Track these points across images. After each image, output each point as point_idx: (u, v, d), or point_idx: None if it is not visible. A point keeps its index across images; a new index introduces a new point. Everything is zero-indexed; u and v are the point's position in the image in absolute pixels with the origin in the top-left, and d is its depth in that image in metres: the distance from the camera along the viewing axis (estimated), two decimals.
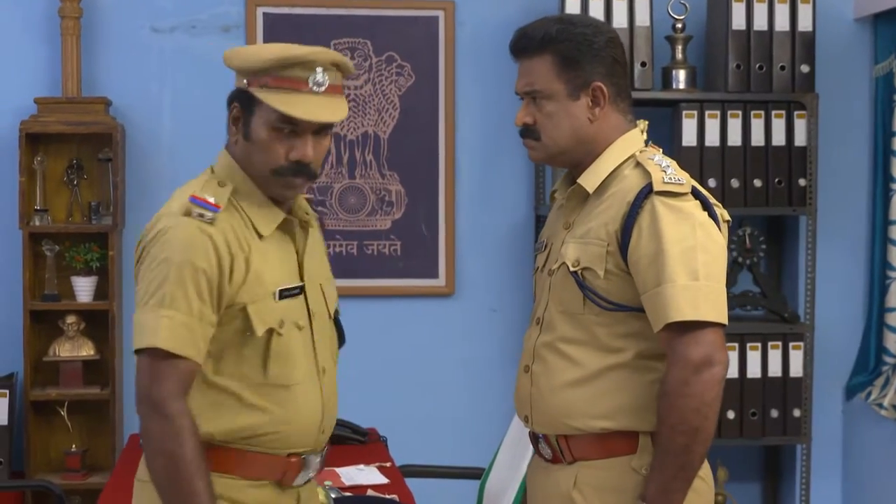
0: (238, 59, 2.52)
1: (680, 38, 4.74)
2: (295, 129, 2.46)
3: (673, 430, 2.39)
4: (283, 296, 2.51)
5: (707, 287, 2.41)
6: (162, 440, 2.39)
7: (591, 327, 2.53)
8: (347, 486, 3.48)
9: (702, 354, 2.38)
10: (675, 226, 2.44)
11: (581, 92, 2.55)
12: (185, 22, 4.79)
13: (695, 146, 4.67)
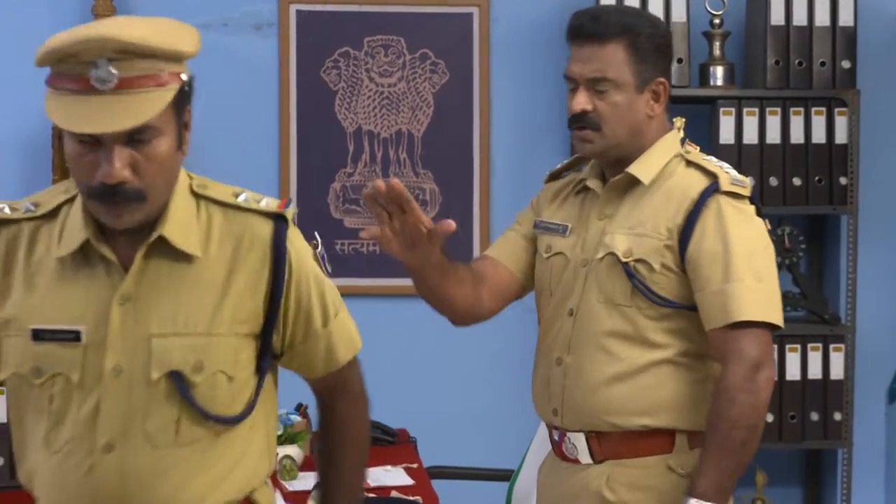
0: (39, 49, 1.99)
1: (717, 34, 4.62)
2: (98, 141, 1.92)
3: (733, 427, 2.39)
4: (40, 336, 2.03)
5: (769, 289, 2.49)
6: None
7: (636, 320, 2.53)
8: (372, 487, 3.42)
9: (759, 354, 2.43)
10: (741, 226, 2.48)
11: (646, 86, 2.56)
12: (217, 19, 4.74)
13: (733, 144, 4.55)
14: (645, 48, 2.55)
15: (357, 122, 4.78)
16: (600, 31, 2.54)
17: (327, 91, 4.76)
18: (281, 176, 4.74)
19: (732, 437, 2.40)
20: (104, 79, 1.90)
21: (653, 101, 2.58)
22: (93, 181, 1.93)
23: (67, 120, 1.90)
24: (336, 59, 4.76)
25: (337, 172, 4.76)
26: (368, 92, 4.78)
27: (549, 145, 4.81)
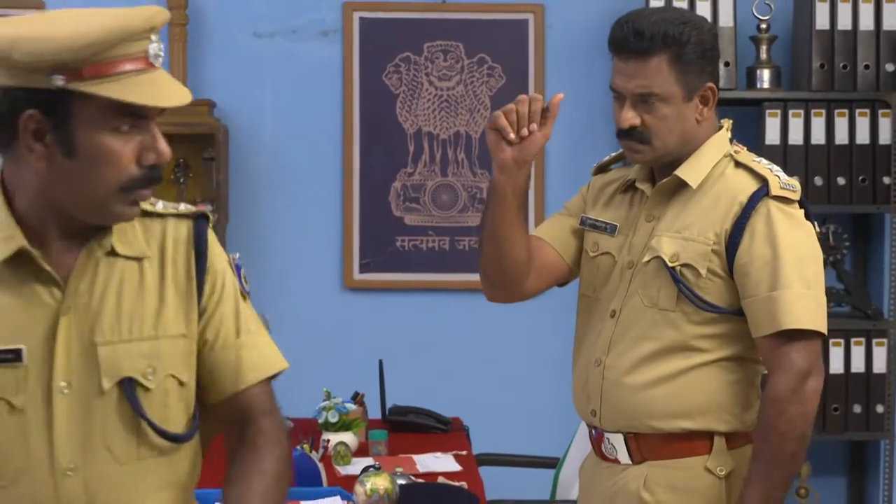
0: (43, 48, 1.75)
1: (764, 39, 4.73)
2: (136, 124, 1.83)
3: (783, 438, 2.36)
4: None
5: (817, 296, 2.44)
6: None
7: (681, 325, 2.47)
8: (420, 473, 3.56)
9: (808, 363, 2.39)
10: (790, 232, 2.42)
11: (694, 94, 2.49)
12: (285, 27, 4.93)
13: (778, 144, 4.65)
14: (690, 58, 2.47)
15: (417, 124, 4.95)
16: (643, 47, 2.45)
17: (389, 94, 4.93)
18: (344, 176, 4.93)
19: (784, 449, 2.36)
20: (159, 54, 1.84)
21: (701, 105, 2.52)
22: (133, 171, 1.83)
23: (145, 96, 1.79)
24: (397, 64, 4.94)
25: (398, 172, 4.94)
26: (428, 95, 4.95)
27: (601, 146, 4.91)
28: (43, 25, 1.79)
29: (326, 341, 4.90)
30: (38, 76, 1.76)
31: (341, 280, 4.95)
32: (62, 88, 1.77)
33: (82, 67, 1.76)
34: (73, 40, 1.75)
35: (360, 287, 4.94)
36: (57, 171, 1.81)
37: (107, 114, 1.79)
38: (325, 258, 4.94)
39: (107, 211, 1.84)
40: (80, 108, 1.79)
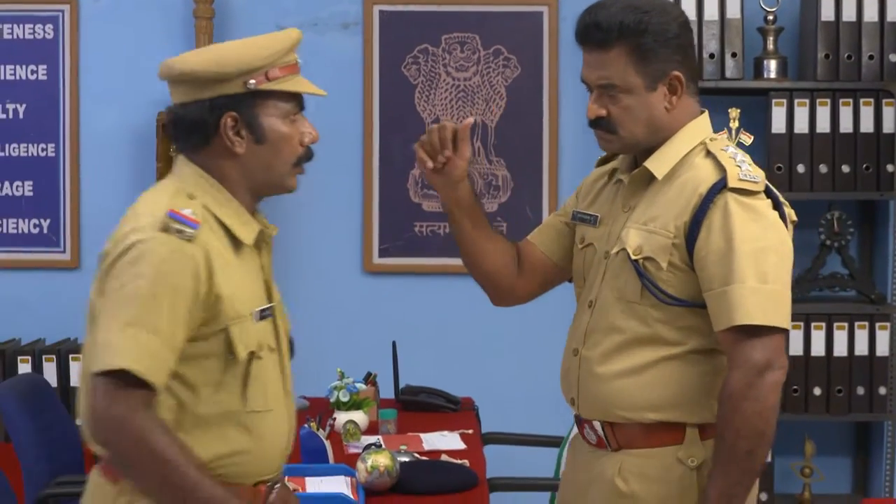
0: (237, 60, 2.31)
1: (771, 30, 4.80)
2: (297, 115, 2.39)
3: (738, 436, 2.31)
4: (260, 316, 2.34)
5: (774, 291, 2.34)
6: (141, 450, 2.16)
7: (647, 318, 2.45)
8: (425, 451, 3.67)
9: (765, 358, 2.30)
10: (747, 225, 2.35)
11: (658, 83, 2.45)
12: (307, 20, 5.05)
13: (784, 133, 4.73)
14: (650, 47, 2.43)
15: (435, 114, 5.07)
16: (602, 38, 2.44)
17: (407, 85, 5.06)
18: (364, 163, 5.06)
19: (738, 446, 2.32)
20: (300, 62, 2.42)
21: (669, 93, 2.45)
22: (299, 150, 2.38)
23: (308, 87, 2.39)
24: (416, 56, 5.06)
25: (416, 161, 5.04)
26: (445, 85, 5.06)
27: None
28: (232, 49, 2.36)
29: (346, 323, 5.04)
30: (233, 84, 2.31)
31: (361, 264, 5.08)
32: (251, 90, 2.31)
33: (269, 70, 2.32)
34: (257, 54, 2.31)
35: (380, 271, 5.08)
36: (252, 156, 2.35)
37: (282, 106, 2.36)
38: (345, 243, 5.08)
39: (284, 183, 2.40)
40: (263, 104, 2.34)
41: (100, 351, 2.18)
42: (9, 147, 5.06)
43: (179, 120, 2.37)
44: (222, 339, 2.28)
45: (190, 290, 2.22)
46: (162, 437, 2.16)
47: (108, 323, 2.19)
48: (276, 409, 2.37)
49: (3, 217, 5.07)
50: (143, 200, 2.38)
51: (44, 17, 5.04)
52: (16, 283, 5.09)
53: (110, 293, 2.21)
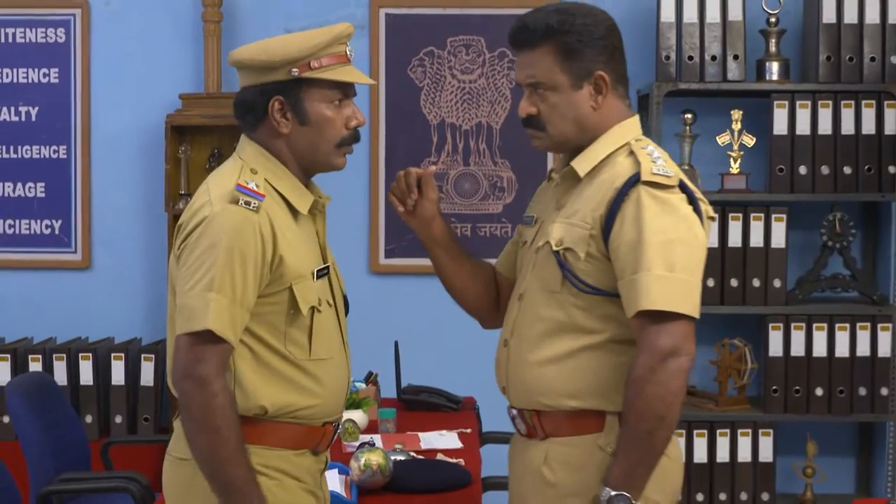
0: (281, 51, 2.57)
1: (773, 32, 4.81)
2: (343, 101, 2.64)
3: (638, 417, 2.38)
4: (318, 275, 2.64)
5: (681, 279, 2.39)
6: (207, 416, 2.46)
7: (567, 307, 2.52)
8: (421, 450, 3.70)
9: (670, 344, 2.36)
10: (658, 216, 2.42)
11: (584, 81, 2.53)
12: (315, 23, 5.06)
13: (786, 135, 4.74)
14: (574, 46, 2.52)
15: (440, 116, 5.10)
16: (527, 38, 2.56)
17: (413, 87, 5.09)
18: (371, 165, 5.09)
19: (639, 427, 2.38)
20: (351, 53, 2.66)
21: (595, 93, 2.55)
22: (344, 132, 2.64)
23: (353, 76, 2.63)
24: (422, 58, 5.09)
25: (422, 161, 5.08)
26: (451, 87, 5.09)
27: None
28: (283, 41, 2.61)
29: (353, 322, 5.04)
30: (279, 72, 2.58)
31: (368, 265, 5.11)
32: (297, 78, 2.58)
33: (311, 60, 2.58)
34: (301, 45, 2.58)
35: (386, 271, 5.11)
36: (297, 136, 2.63)
37: (326, 92, 2.61)
38: (352, 244, 5.11)
39: (330, 161, 2.67)
40: (308, 90, 2.60)
41: (184, 314, 2.50)
42: (21, 149, 5.12)
43: (239, 102, 2.68)
44: (287, 297, 2.59)
45: (258, 255, 2.53)
46: (226, 410, 2.47)
47: (190, 289, 2.51)
48: (336, 357, 2.69)
49: (16, 218, 5.14)
50: (213, 176, 2.67)
51: (55, 22, 5.10)
52: (28, 283, 5.15)
53: (189, 262, 2.53)
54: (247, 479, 2.50)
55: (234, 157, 2.69)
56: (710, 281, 4.76)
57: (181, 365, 2.50)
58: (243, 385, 2.56)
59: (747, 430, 4.79)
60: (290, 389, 2.60)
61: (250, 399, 2.57)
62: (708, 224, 2.57)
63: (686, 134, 4.85)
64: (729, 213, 4.77)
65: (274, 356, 2.60)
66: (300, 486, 2.66)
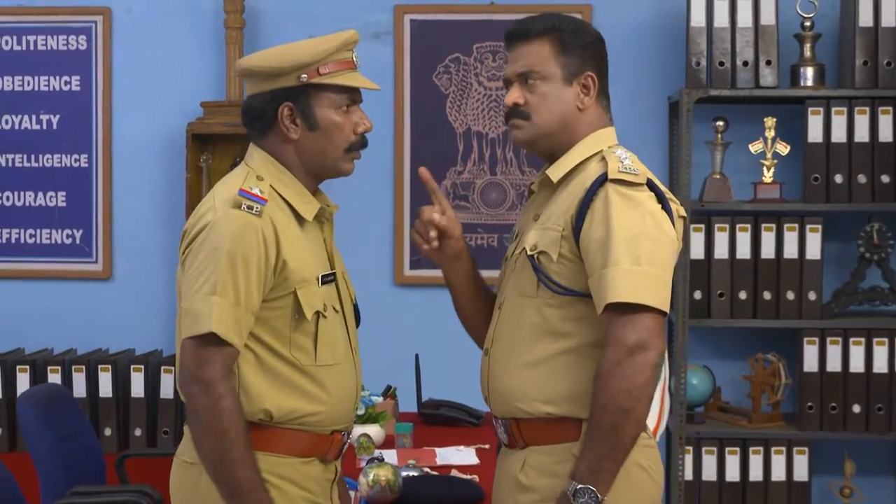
0: (291, 57, 2.63)
1: (808, 36, 4.71)
2: (351, 106, 2.68)
3: (603, 410, 2.41)
4: (323, 281, 2.67)
5: (648, 273, 2.44)
6: (213, 419, 2.50)
7: (542, 311, 2.57)
8: (436, 466, 3.64)
9: (636, 338, 2.41)
10: (625, 212, 2.48)
11: (574, 79, 2.63)
12: (338, 29, 4.97)
13: (821, 142, 4.64)
14: (571, 44, 2.63)
15: (466, 124, 5.04)
16: (527, 31, 2.66)
17: (439, 94, 5.04)
18: (395, 174, 5.04)
19: (604, 420, 2.41)
20: (358, 60, 2.73)
21: (582, 94, 2.63)
22: (352, 137, 2.68)
23: (360, 82, 2.68)
24: (447, 65, 5.04)
25: (448, 170, 5.04)
26: (477, 95, 5.04)
27: (648, 143, 4.98)
28: (291, 48, 2.66)
29: (378, 335, 5.00)
30: (288, 78, 2.63)
31: (392, 276, 5.06)
32: (306, 83, 2.63)
33: (319, 66, 2.64)
34: (311, 51, 2.63)
35: (411, 283, 5.06)
36: (307, 142, 2.66)
37: (334, 98, 2.66)
38: (376, 255, 5.06)
39: (338, 167, 2.71)
40: (317, 96, 2.64)
41: (188, 318, 2.54)
42: (42, 157, 5.12)
43: (248, 109, 2.71)
44: (291, 301, 2.62)
45: (261, 258, 2.56)
46: (233, 413, 2.50)
47: (193, 293, 2.54)
48: (343, 364, 2.71)
49: (37, 227, 5.13)
50: (220, 183, 2.70)
51: (77, 29, 5.09)
52: (49, 293, 5.15)
53: (192, 267, 2.57)
54: (254, 482, 2.52)
55: (242, 164, 2.74)
56: (742, 293, 4.68)
57: (186, 368, 2.54)
58: (247, 389, 2.60)
59: (781, 448, 4.69)
60: (295, 395, 2.63)
61: (254, 403, 2.60)
62: (680, 223, 2.62)
63: (717, 142, 4.76)
64: (762, 223, 4.68)
65: (279, 361, 2.63)
66: (304, 495, 2.66)
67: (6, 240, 5.14)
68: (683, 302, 4.66)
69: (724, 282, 4.70)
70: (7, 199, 5.13)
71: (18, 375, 4.80)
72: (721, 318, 4.72)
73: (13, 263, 5.14)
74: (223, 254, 2.54)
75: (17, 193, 5.13)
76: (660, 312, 2.45)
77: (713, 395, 4.87)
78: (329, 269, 2.71)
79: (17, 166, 5.12)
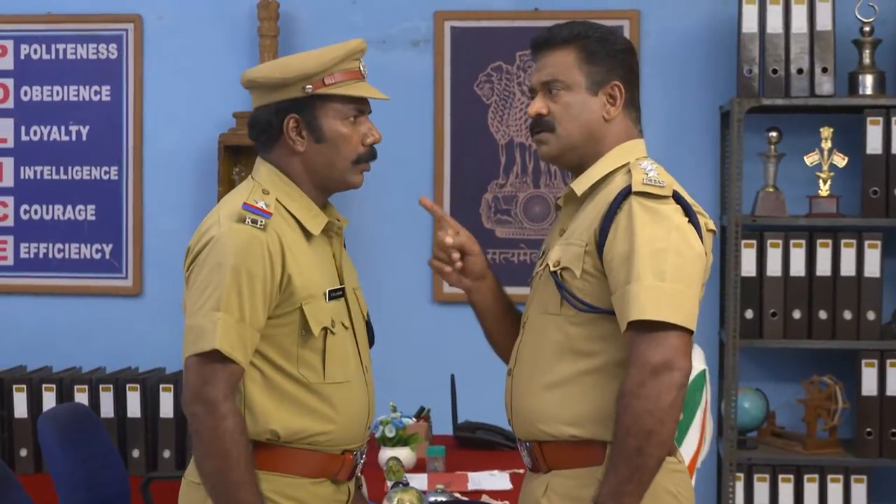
0: (295, 68, 2.62)
1: (867, 42, 4.60)
2: (358, 117, 2.68)
3: (626, 432, 2.37)
4: (331, 297, 2.66)
5: (673, 289, 2.39)
6: (215, 440, 2.49)
7: (566, 329, 2.53)
8: (468, 491, 3.58)
9: (661, 358, 2.36)
10: (649, 226, 2.44)
11: (600, 88, 2.59)
12: (376, 37, 4.99)
13: (881, 153, 4.53)
14: (596, 51, 2.60)
15: (509, 135, 4.96)
16: (552, 40, 2.64)
17: (480, 104, 4.96)
18: (435, 187, 4.97)
19: (627, 443, 2.37)
20: (366, 70, 2.71)
21: (609, 104, 2.61)
22: (360, 149, 2.67)
23: (368, 92, 2.67)
24: (489, 73, 4.96)
25: (489, 183, 4.96)
26: (520, 105, 4.95)
27: (699, 153, 4.88)
28: (296, 59, 2.66)
29: (414, 353, 4.95)
30: (293, 89, 2.62)
31: (431, 293, 4.99)
32: (311, 94, 2.62)
33: (325, 77, 2.63)
34: (316, 61, 2.62)
35: (450, 300, 4.97)
36: (313, 154, 2.65)
37: (340, 109, 2.65)
38: (415, 271, 4.98)
39: (346, 179, 2.70)
40: (323, 107, 2.63)
41: (193, 336, 2.53)
42: (71, 170, 5.10)
43: (254, 122, 2.71)
44: (298, 317, 2.60)
45: (266, 273, 2.55)
46: (235, 434, 2.49)
47: (197, 309, 2.53)
48: (353, 381, 2.68)
49: (66, 242, 5.11)
50: (225, 199, 2.69)
51: (107, 37, 5.07)
52: (77, 309, 5.12)
53: (196, 283, 2.56)
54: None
55: (249, 178, 2.73)
56: (796, 313, 4.57)
57: (190, 387, 2.52)
58: (253, 409, 2.59)
59: (838, 475, 4.57)
60: (303, 414, 2.61)
61: (260, 423, 2.59)
62: (708, 237, 2.57)
63: (770, 154, 4.65)
64: (817, 239, 4.57)
65: (286, 379, 2.62)
66: None
67: (34, 254, 5.12)
68: (734, 321, 4.56)
69: (778, 300, 4.60)
70: (35, 213, 5.12)
71: (45, 394, 4.77)
72: (774, 339, 4.61)
73: (41, 279, 5.12)
74: (227, 269, 2.53)
75: (45, 207, 5.11)
76: (686, 331, 2.40)
77: (766, 420, 4.75)
78: (338, 285, 2.70)
79: (45, 179, 5.10)
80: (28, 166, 5.11)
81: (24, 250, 5.12)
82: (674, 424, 2.39)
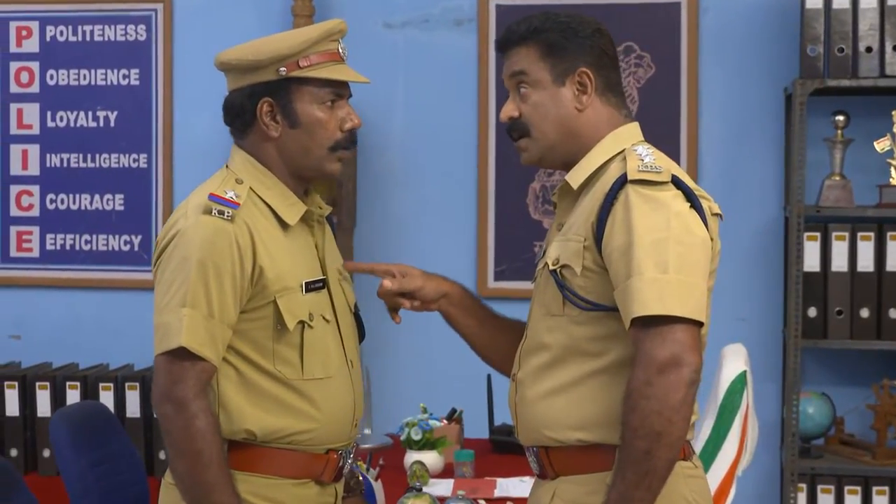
0: (269, 49, 2.64)
1: None
2: (336, 101, 2.68)
3: (634, 434, 2.34)
4: (308, 289, 2.67)
5: (677, 280, 2.37)
6: (187, 439, 2.51)
7: (570, 330, 2.52)
8: (493, 498, 3.55)
9: (668, 354, 2.33)
10: (647, 216, 2.41)
11: (566, 78, 2.59)
12: (417, 17, 4.97)
13: None
14: (556, 42, 2.60)
15: None
16: (510, 38, 2.66)
17: None
18: (479, 176, 4.94)
19: (635, 445, 2.35)
20: (345, 52, 2.71)
21: (579, 92, 2.60)
22: (337, 135, 2.67)
23: (346, 75, 2.67)
24: None
25: (536, 172, 4.91)
26: None
27: (761, 141, 4.80)
28: (270, 40, 2.66)
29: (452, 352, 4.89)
30: (267, 71, 2.63)
31: (475, 288, 4.95)
32: (285, 77, 2.63)
33: (299, 59, 2.62)
34: (291, 42, 2.62)
35: (495, 295, 4.91)
36: (288, 140, 2.66)
37: (316, 93, 2.65)
38: (458, 264, 4.95)
39: (322, 167, 2.69)
40: (298, 91, 2.64)
41: (160, 333, 2.54)
42: (99, 157, 5.13)
43: (227, 106, 2.73)
44: (272, 311, 2.61)
45: (235, 267, 2.56)
46: (207, 434, 2.50)
47: (164, 306, 2.55)
48: (336, 377, 2.69)
49: (93, 233, 5.15)
50: (196, 190, 2.69)
51: (136, 18, 5.10)
52: (105, 303, 5.16)
53: (163, 278, 2.58)
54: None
55: (223, 167, 2.74)
56: (864, 311, 4.49)
57: (159, 386, 2.54)
58: (227, 407, 2.61)
59: None
60: (281, 412, 2.63)
61: (235, 423, 2.61)
62: (713, 221, 2.54)
63: (837, 139, 4.57)
64: (888, 231, 4.50)
65: (262, 376, 2.63)
66: None
67: (60, 246, 5.17)
68: (796, 320, 4.49)
69: (844, 298, 4.52)
70: (62, 202, 5.16)
71: (69, 392, 4.81)
72: (840, 339, 4.54)
73: (67, 271, 5.17)
74: (193, 263, 2.54)
75: (71, 196, 5.16)
76: (694, 323, 2.36)
77: (834, 426, 4.66)
78: (318, 276, 2.71)
79: (71, 167, 5.15)
80: (54, 154, 5.16)
81: (49, 242, 5.17)
82: (685, 424, 2.36)
